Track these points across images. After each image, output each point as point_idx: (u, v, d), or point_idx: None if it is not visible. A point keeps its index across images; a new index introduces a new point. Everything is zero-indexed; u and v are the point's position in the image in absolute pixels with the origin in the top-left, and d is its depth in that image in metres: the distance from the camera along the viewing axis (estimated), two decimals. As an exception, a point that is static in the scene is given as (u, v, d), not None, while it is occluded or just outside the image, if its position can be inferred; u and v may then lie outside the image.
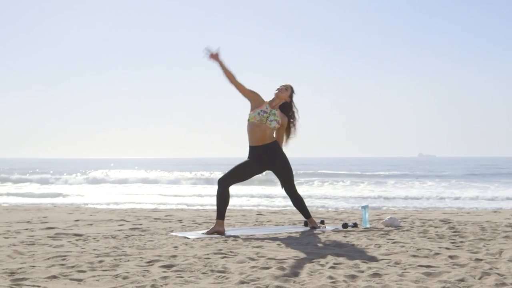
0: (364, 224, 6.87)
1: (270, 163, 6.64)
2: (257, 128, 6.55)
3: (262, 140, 6.56)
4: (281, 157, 6.67)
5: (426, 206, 16.10)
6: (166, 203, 17.19)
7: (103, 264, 4.40)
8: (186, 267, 4.28)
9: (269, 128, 6.53)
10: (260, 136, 6.55)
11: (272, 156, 6.61)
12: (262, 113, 6.54)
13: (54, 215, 8.96)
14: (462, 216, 8.98)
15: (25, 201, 17.94)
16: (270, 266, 4.28)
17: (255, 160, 6.63)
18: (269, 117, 6.52)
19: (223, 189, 6.53)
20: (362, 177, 37.99)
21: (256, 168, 6.66)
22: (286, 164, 6.71)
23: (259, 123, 6.52)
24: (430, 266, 4.31)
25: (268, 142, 6.60)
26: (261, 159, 6.61)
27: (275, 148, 6.63)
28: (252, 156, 6.64)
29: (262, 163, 6.63)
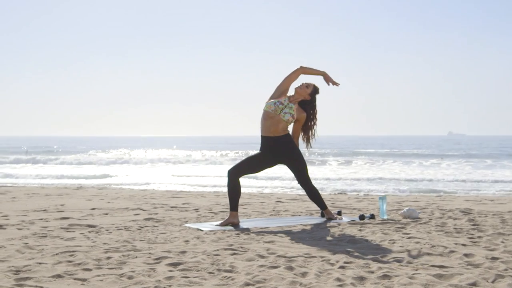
0: (381, 215, 6.75)
1: (282, 156, 6.53)
2: (270, 119, 6.44)
3: (274, 132, 6.45)
4: (292, 150, 6.54)
5: (450, 190, 15.88)
6: (196, 185, 17.33)
7: (110, 261, 4.37)
8: (193, 265, 4.22)
9: (282, 121, 6.41)
10: (272, 127, 6.44)
11: (283, 149, 6.50)
12: (278, 104, 6.43)
13: (73, 202, 8.99)
14: (485, 205, 8.81)
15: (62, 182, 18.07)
16: (279, 265, 4.21)
17: (267, 153, 6.53)
18: (284, 109, 6.40)
19: (233, 181, 6.45)
20: (389, 156, 37.66)
21: (267, 161, 6.56)
22: (298, 157, 6.58)
23: (273, 114, 6.41)
24: (443, 266, 4.19)
25: (280, 135, 6.47)
26: (272, 151, 6.50)
27: (286, 142, 6.51)
28: (264, 148, 6.54)
29: (273, 156, 6.53)
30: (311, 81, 6.64)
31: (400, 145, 72.96)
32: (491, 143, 74.38)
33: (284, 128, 6.47)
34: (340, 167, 29.96)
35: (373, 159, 35.50)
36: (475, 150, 54.76)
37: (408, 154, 45.35)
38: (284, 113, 6.39)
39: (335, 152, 48.09)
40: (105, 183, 18.74)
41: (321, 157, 38.69)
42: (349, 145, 73.73)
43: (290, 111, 6.41)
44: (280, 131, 6.46)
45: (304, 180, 6.65)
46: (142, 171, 25.80)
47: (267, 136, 6.49)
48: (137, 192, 12.12)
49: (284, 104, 6.43)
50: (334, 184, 19.37)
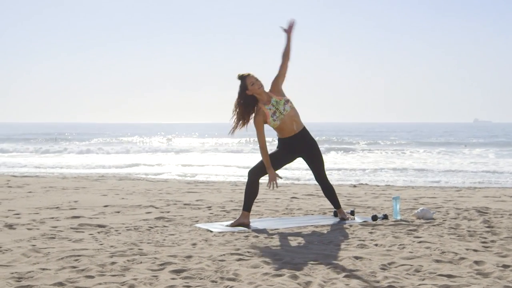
0: (394, 216, 6.66)
1: (302, 150, 6.47)
2: (282, 125, 6.35)
3: (290, 132, 6.39)
4: (312, 143, 6.50)
5: (472, 181, 15.68)
6: (219, 174, 17.43)
7: (114, 267, 4.34)
8: (197, 273, 4.18)
9: (290, 117, 6.31)
10: (289, 128, 6.38)
11: (303, 143, 6.44)
12: (275, 113, 6.30)
13: (87, 197, 9.00)
14: (504, 203, 8.66)
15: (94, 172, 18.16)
16: (283, 274, 4.15)
17: (286, 149, 6.47)
18: (279, 107, 6.29)
19: (253, 181, 6.39)
20: (413, 145, 37.33)
21: (287, 157, 6.51)
22: (317, 150, 6.54)
23: (282, 120, 6.32)
24: (451, 276, 4.11)
25: (298, 131, 6.41)
26: (293, 147, 6.44)
27: (304, 136, 6.46)
28: (283, 145, 6.48)
29: (293, 152, 6.47)
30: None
31: (423, 132, 72.42)
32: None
33: (297, 122, 6.43)
34: (363, 155, 29.81)
35: (396, 148, 35.28)
36: (501, 138, 54.18)
37: (432, 142, 45.00)
38: (284, 109, 6.32)
39: (359, 140, 47.90)
40: (128, 172, 18.84)
41: (344, 145, 38.57)
42: (373, 132, 73.40)
43: (280, 103, 6.32)
44: (295, 128, 6.41)
45: (322, 174, 6.58)
46: (167, 160, 25.89)
47: (286, 137, 6.43)
48: (154, 185, 12.13)
49: (275, 105, 6.33)
50: (355, 174, 19.33)
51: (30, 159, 27.93)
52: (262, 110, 6.26)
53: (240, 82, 6.27)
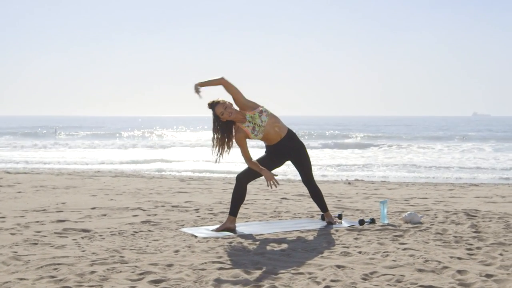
0: (382, 220, 6.61)
1: (290, 154, 6.43)
2: (266, 135, 6.31)
3: (276, 138, 6.36)
4: (299, 146, 6.46)
5: (466, 179, 15.64)
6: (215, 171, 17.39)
7: (92, 276, 4.30)
8: (175, 283, 4.14)
9: (270, 125, 6.27)
10: (273, 136, 6.34)
11: (291, 146, 6.40)
12: (254, 128, 6.25)
13: (76, 199, 8.95)
14: (494, 204, 8.63)
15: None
16: (263, 284, 4.11)
17: (274, 154, 6.43)
18: (256, 120, 6.24)
19: (240, 186, 6.34)
20: (410, 140, 37.26)
21: (275, 161, 6.48)
22: (305, 153, 6.50)
23: (264, 132, 6.27)
24: (431, 287, 4.07)
25: (284, 135, 6.37)
26: (281, 152, 6.40)
27: (291, 139, 6.42)
28: (271, 151, 6.44)
29: (281, 156, 6.44)
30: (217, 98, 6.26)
31: (422, 126, 72.38)
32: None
33: (280, 128, 6.38)
34: (360, 150, 29.78)
35: (394, 142, 35.21)
36: (499, 132, 54.14)
37: (430, 137, 44.96)
38: (261, 121, 6.26)
39: (357, 133, 47.86)
40: (123, 168, 18.80)
41: (340, 139, 38.50)
42: (372, 126, 73.34)
43: (256, 117, 6.27)
44: (280, 133, 6.37)
45: (309, 178, 6.54)
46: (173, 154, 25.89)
47: (272, 144, 6.39)
48: (146, 184, 12.09)
49: (251, 121, 6.26)
50: (351, 169, 19.34)
51: (29, 154, 27.98)
52: (241, 128, 6.23)
53: (212, 112, 6.20)
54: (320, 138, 44.60)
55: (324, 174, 17.60)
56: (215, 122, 6.19)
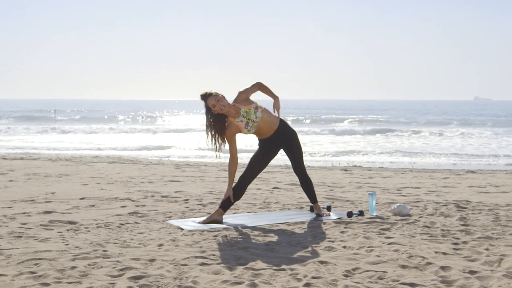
0: (370, 212, 6.58)
1: (283, 142, 6.41)
2: (259, 130, 6.29)
3: (269, 132, 6.34)
4: (292, 134, 6.45)
5: (463, 165, 15.59)
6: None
7: (72, 272, 4.26)
8: (155, 280, 4.10)
9: (264, 120, 6.23)
10: (266, 130, 6.32)
11: (284, 136, 6.37)
12: (247, 124, 6.20)
13: (66, 188, 8.92)
14: (487, 194, 8.59)
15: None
16: (243, 281, 4.08)
17: (268, 146, 6.40)
18: (251, 116, 6.19)
19: (242, 188, 6.36)
20: (412, 125, 37.10)
21: (270, 155, 6.47)
22: (296, 142, 6.49)
23: (257, 127, 6.23)
24: (413, 284, 4.04)
25: (277, 127, 6.33)
26: (274, 142, 6.38)
27: (284, 129, 6.39)
28: (264, 143, 6.41)
29: (275, 146, 6.43)
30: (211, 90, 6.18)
31: (422, 110, 72.22)
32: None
33: (272, 120, 6.35)
34: (363, 134, 29.73)
35: (396, 127, 35.08)
36: (501, 117, 53.98)
37: (431, 121, 44.85)
38: (255, 117, 6.22)
39: (355, 118, 47.72)
40: (122, 154, 18.78)
41: (341, 124, 38.41)
42: (373, 110, 73.21)
43: (250, 111, 6.22)
44: (272, 125, 6.34)
45: (300, 167, 6.52)
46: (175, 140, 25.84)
47: (266, 138, 6.38)
48: (141, 171, 12.07)
49: (246, 117, 6.21)
50: (351, 154, 19.35)
51: (28, 137, 28.09)
52: (234, 123, 6.17)
53: (204, 103, 6.14)
54: (318, 122, 44.55)
55: (324, 160, 17.65)
56: (208, 115, 6.14)
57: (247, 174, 6.37)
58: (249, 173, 6.37)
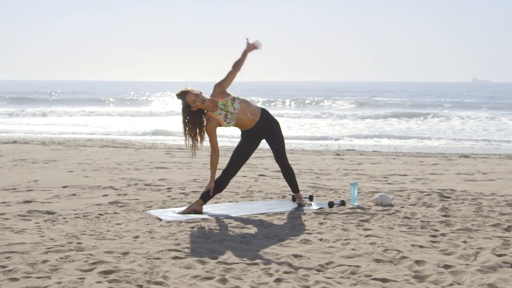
0: (352, 202, 6.54)
1: (265, 132, 6.37)
2: (239, 122, 6.24)
3: (251, 123, 6.30)
4: (273, 124, 6.42)
5: (456, 149, 15.56)
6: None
7: (43, 266, 4.23)
8: (125, 275, 4.07)
9: (243, 111, 6.18)
10: (247, 121, 6.28)
11: (266, 126, 6.33)
12: (226, 116, 6.14)
13: (50, 175, 8.86)
14: (473, 182, 8.57)
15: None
16: (213, 277, 4.05)
17: (250, 137, 6.36)
18: (229, 108, 6.13)
19: (225, 180, 6.34)
20: (407, 107, 36.92)
21: (253, 146, 6.44)
22: (278, 131, 6.46)
23: (237, 119, 6.17)
24: (385, 280, 4.01)
25: (259, 118, 6.29)
26: (256, 133, 6.34)
27: (266, 119, 6.35)
28: (246, 135, 6.37)
29: (257, 136, 6.40)
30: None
31: (421, 92, 72.07)
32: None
33: (252, 111, 6.32)
34: (359, 117, 29.67)
35: (394, 110, 34.95)
36: (499, 99, 53.84)
37: (428, 103, 44.70)
38: (233, 108, 6.17)
39: (357, 99, 47.57)
40: (115, 138, 18.74)
41: (339, 107, 38.27)
42: (371, 92, 73.06)
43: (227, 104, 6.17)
44: (254, 117, 6.29)
45: (282, 157, 6.50)
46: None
47: (248, 129, 6.33)
48: (130, 156, 12.04)
49: (224, 109, 6.16)
50: (347, 138, 19.36)
51: (25, 120, 28.13)
52: (213, 117, 6.12)
53: (181, 101, 6.08)
54: (315, 104, 44.47)
55: (321, 144, 17.72)
56: (184, 113, 6.08)
57: (230, 167, 6.33)
58: (232, 165, 6.33)
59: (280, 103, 47.19)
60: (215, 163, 6.21)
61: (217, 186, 6.28)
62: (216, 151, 6.19)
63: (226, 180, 6.32)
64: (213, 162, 6.20)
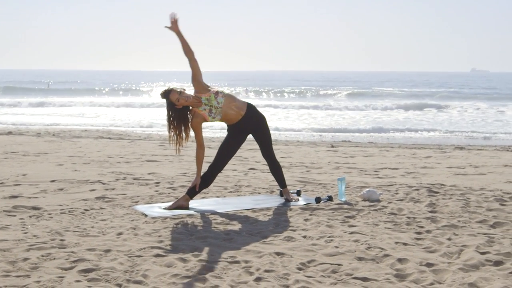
0: (340, 197, 6.52)
1: (251, 127, 6.35)
2: (224, 116, 6.21)
3: (237, 117, 6.27)
4: (259, 118, 6.40)
5: (452, 141, 15.55)
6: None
7: (24, 264, 4.22)
8: (105, 274, 4.05)
9: (227, 106, 6.15)
10: (233, 115, 6.25)
11: (252, 121, 6.31)
12: (211, 111, 6.12)
13: (41, 169, 8.84)
14: (464, 176, 8.56)
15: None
16: (193, 275, 4.03)
17: (236, 133, 6.34)
18: (213, 102, 6.10)
19: (211, 176, 6.33)
20: (407, 97, 36.78)
21: (239, 141, 6.43)
22: (265, 126, 6.45)
23: (222, 113, 6.14)
24: (366, 279, 4.00)
25: (244, 112, 6.27)
26: (243, 128, 6.32)
27: (252, 114, 6.33)
28: (233, 129, 6.34)
29: (243, 132, 6.38)
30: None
31: (419, 82, 71.99)
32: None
33: (237, 105, 6.29)
34: (357, 108, 29.60)
35: (384, 102, 34.88)
36: (497, 89, 53.74)
37: (423, 94, 44.59)
38: (217, 102, 6.15)
39: (348, 90, 47.45)
40: (111, 129, 18.70)
41: (326, 99, 38.14)
42: (371, 83, 72.99)
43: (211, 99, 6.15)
44: (240, 111, 6.26)
45: (268, 151, 6.49)
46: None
47: (233, 124, 6.31)
48: (122, 148, 12.01)
49: (208, 104, 6.13)
50: (346, 130, 19.38)
51: (22, 110, 28.17)
52: (198, 112, 6.10)
53: (166, 100, 6.06)
54: (314, 95, 44.41)
55: (317, 135, 17.74)
56: (169, 111, 6.07)
57: (217, 162, 6.31)
58: (218, 161, 6.32)
59: (278, 93, 47.08)
60: (201, 159, 6.19)
61: (203, 182, 6.27)
62: (202, 146, 6.17)
63: (212, 175, 6.31)
64: (199, 157, 6.19)
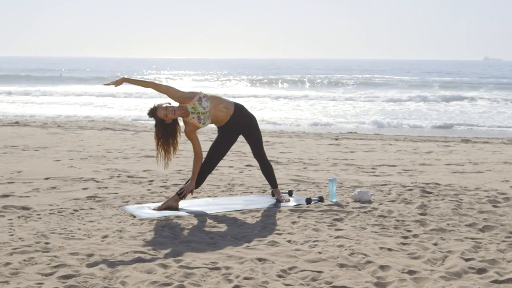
0: (331, 198, 6.49)
1: (241, 128, 6.34)
2: (214, 119, 6.23)
3: (225, 117, 6.28)
4: (249, 119, 6.40)
5: (459, 133, 15.46)
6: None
7: (4, 270, 4.23)
8: (83, 280, 4.06)
9: (214, 108, 6.15)
10: (221, 116, 6.26)
11: (241, 121, 6.30)
12: (199, 117, 6.10)
13: (37, 165, 8.85)
14: (461, 175, 8.50)
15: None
16: (172, 282, 4.04)
17: (227, 134, 6.34)
18: (198, 109, 6.09)
19: (201, 177, 6.35)
20: (417, 88, 36.54)
21: (230, 141, 6.43)
22: (255, 126, 6.45)
23: (211, 116, 6.15)
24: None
25: (232, 112, 6.26)
26: (232, 128, 6.32)
27: (240, 113, 6.32)
28: (223, 130, 6.34)
29: (234, 132, 6.38)
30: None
31: (430, 71, 71.56)
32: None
33: (225, 106, 6.30)
34: (359, 101, 29.50)
35: (395, 91, 34.67)
36: (510, 78, 53.23)
37: (435, 83, 44.24)
38: (202, 107, 6.14)
39: (358, 79, 47.20)
40: (117, 120, 18.75)
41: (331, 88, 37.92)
42: (380, 71, 72.66)
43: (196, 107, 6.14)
44: (228, 112, 6.27)
45: (260, 152, 6.50)
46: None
47: (222, 125, 6.32)
48: (121, 144, 12.01)
49: (195, 112, 6.12)
50: (355, 120, 19.36)
51: (32, 98, 28.30)
52: (188, 121, 6.13)
53: (154, 118, 6.08)
54: (325, 84, 44.27)
55: (323, 127, 17.75)
56: (160, 128, 6.07)
57: (207, 164, 6.32)
58: (209, 162, 6.32)
59: (289, 82, 46.89)
60: (197, 167, 6.21)
61: (197, 183, 6.30)
62: (199, 155, 6.19)
63: (203, 177, 6.33)
64: (196, 165, 6.22)
